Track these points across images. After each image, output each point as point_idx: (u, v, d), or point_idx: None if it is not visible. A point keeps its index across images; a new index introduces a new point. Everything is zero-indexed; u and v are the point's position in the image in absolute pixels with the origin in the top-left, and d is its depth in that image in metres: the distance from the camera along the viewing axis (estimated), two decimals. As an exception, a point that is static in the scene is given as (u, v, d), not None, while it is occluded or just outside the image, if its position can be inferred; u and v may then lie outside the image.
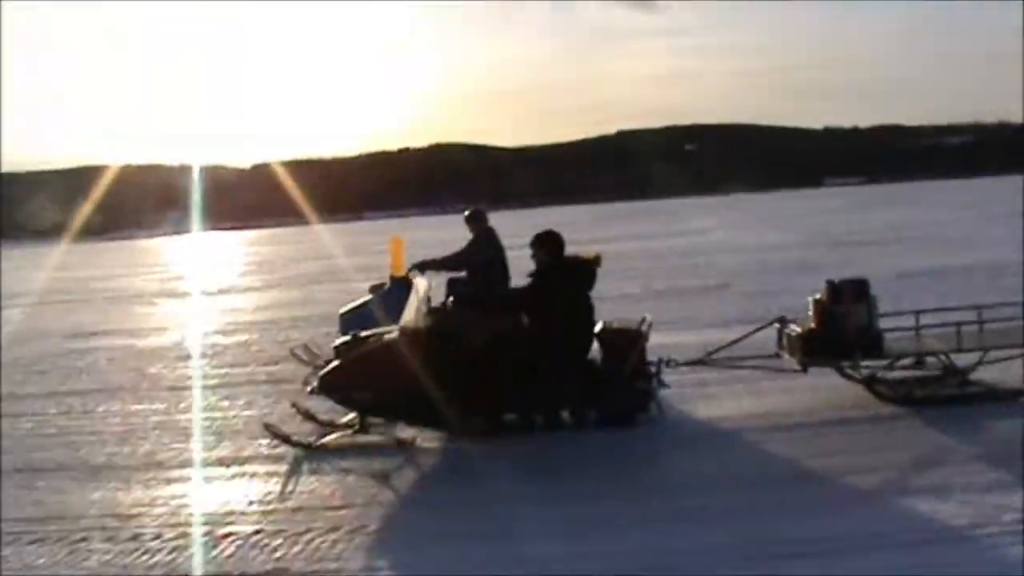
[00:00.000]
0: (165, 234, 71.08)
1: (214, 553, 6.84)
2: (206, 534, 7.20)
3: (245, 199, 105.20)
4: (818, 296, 9.49)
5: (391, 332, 9.38)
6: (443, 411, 9.03)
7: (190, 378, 13.39)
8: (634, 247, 33.56)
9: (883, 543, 6.20)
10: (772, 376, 9.92)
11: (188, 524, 7.43)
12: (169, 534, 7.23)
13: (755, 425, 9.11)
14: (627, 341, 9.32)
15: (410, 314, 9.34)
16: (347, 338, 9.73)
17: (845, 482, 7.44)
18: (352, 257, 37.11)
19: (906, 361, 9.68)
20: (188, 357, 15.38)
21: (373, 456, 8.88)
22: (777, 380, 9.97)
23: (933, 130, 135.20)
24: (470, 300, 9.50)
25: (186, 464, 9.15)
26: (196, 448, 9.67)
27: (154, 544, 7.06)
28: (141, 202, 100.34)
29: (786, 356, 9.66)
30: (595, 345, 9.39)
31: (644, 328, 9.43)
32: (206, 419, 10.90)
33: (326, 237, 53.27)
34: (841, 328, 9.27)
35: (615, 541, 6.54)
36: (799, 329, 9.49)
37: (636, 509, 7.15)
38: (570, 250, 9.57)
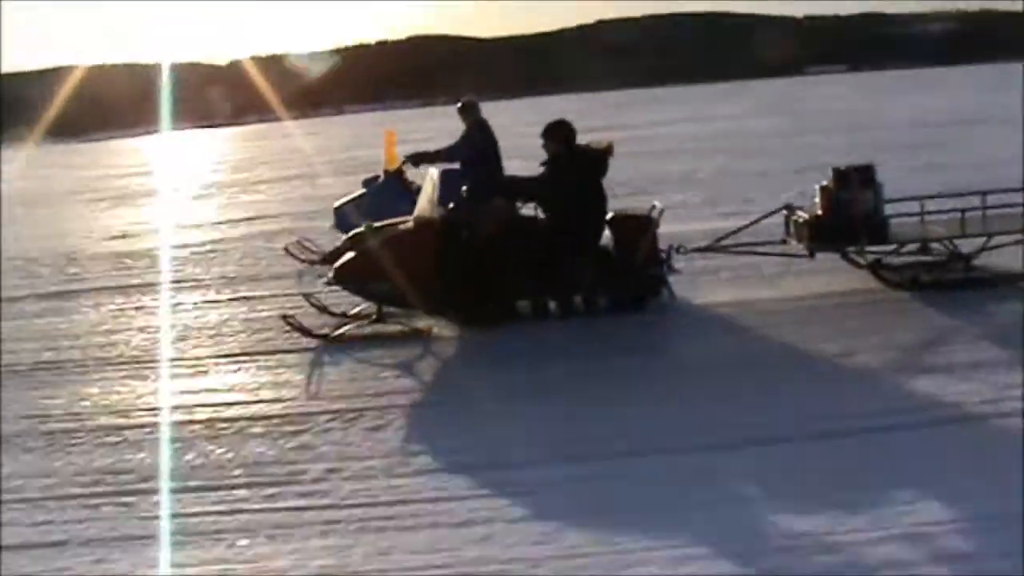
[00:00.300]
0: (144, 134, 70.06)
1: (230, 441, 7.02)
2: (227, 421, 7.40)
3: (224, 96, 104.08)
4: (825, 183, 9.61)
5: (405, 222, 9.51)
6: (458, 300, 9.25)
7: (196, 278, 13.37)
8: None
9: (891, 422, 6.39)
10: (780, 262, 10.08)
11: (213, 414, 7.59)
12: (196, 426, 7.37)
13: (763, 309, 9.32)
14: (638, 228, 9.47)
15: (424, 204, 9.46)
16: (360, 229, 9.82)
17: (853, 362, 7.68)
18: (337, 152, 36.86)
19: (911, 247, 9.84)
20: (189, 256, 15.35)
21: (392, 346, 9.03)
22: (785, 266, 10.15)
23: (915, 18, 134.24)
24: (486, 189, 9.55)
25: (204, 358, 9.24)
26: (211, 343, 9.75)
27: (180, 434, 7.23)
28: (117, 103, 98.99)
29: (793, 242, 9.82)
30: (607, 232, 9.55)
31: (655, 215, 9.57)
32: (219, 315, 10.94)
33: (309, 133, 52.73)
34: (847, 214, 9.40)
35: (619, 422, 6.75)
36: (806, 216, 9.63)
37: (650, 389, 7.42)
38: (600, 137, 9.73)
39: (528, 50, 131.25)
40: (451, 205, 9.63)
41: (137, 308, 11.66)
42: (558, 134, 9.51)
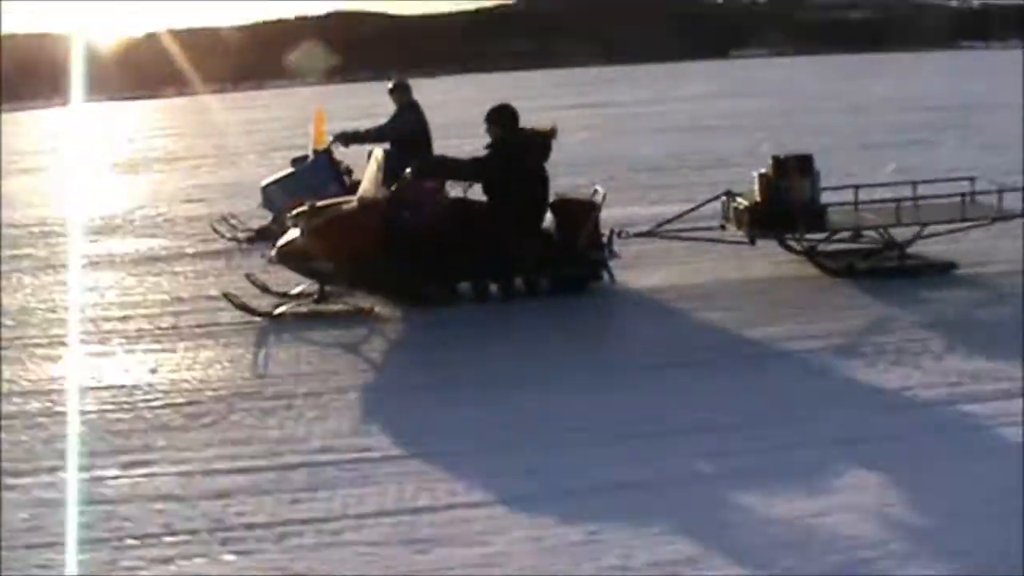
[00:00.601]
0: (58, 105, 68.73)
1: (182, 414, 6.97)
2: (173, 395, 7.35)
3: (141, 68, 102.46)
4: (763, 171, 9.77)
5: (349, 202, 9.52)
6: (401, 281, 9.30)
7: (127, 253, 13.19)
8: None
9: (832, 405, 6.54)
10: (719, 247, 10.24)
11: (161, 390, 7.51)
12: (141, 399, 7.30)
13: (702, 292, 9.49)
14: (581, 212, 9.56)
15: (368, 184, 9.48)
16: (303, 208, 9.78)
17: (792, 346, 7.82)
18: (260, 128, 36.55)
19: (845, 234, 10.04)
20: (116, 231, 15.12)
21: (336, 325, 9.04)
22: (723, 251, 10.30)
23: (834, 4, 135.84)
24: (429, 170, 9.59)
25: (139, 336, 9.10)
26: (143, 320, 9.61)
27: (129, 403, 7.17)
28: (28, 73, 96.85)
29: (732, 228, 9.97)
30: (549, 215, 9.64)
31: (598, 199, 9.66)
32: (150, 291, 10.85)
33: (231, 108, 52.21)
34: (786, 202, 9.57)
35: (546, 399, 6.88)
36: (745, 202, 9.78)
37: (584, 370, 7.50)
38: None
39: (449, 29, 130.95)
40: (393, 186, 9.63)
41: (57, 284, 11.50)
42: (502, 118, 9.58)
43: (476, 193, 9.80)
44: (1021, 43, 64.80)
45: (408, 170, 9.68)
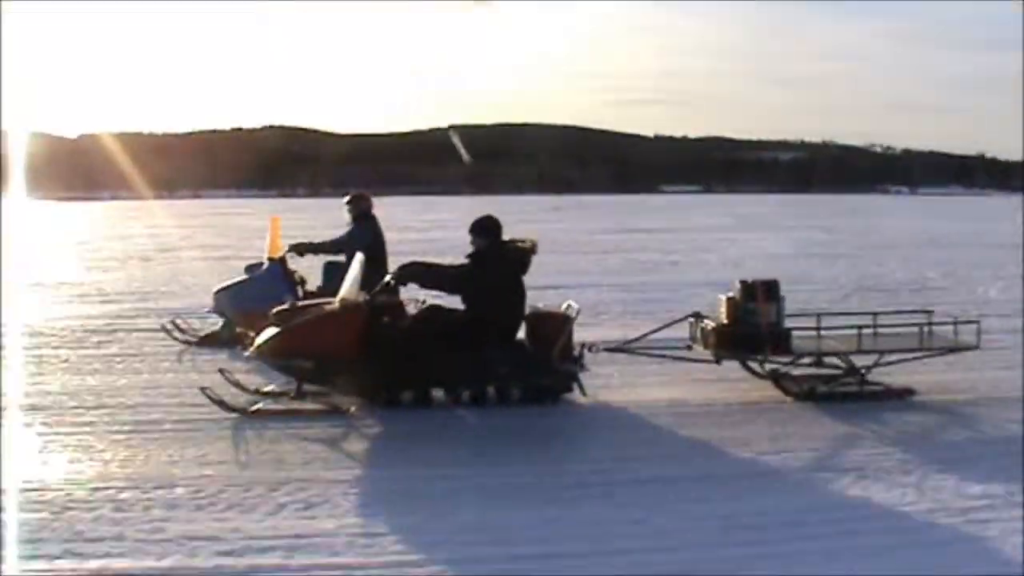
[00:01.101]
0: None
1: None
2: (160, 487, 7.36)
3: (74, 169, 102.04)
4: (731, 294, 10.13)
5: (331, 303, 9.73)
6: (378, 382, 9.50)
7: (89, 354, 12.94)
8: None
9: (805, 520, 6.76)
10: (683, 367, 10.52)
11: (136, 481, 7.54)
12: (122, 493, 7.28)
13: (669, 409, 9.73)
14: (556, 324, 9.84)
15: (349, 288, 9.71)
16: (284, 306, 9.97)
17: (759, 460, 8.13)
18: (205, 235, 36.66)
19: (806, 359, 10.40)
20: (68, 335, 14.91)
21: (312, 422, 9.17)
22: (688, 370, 10.59)
23: (762, 144, 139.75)
24: (410, 277, 9.83)
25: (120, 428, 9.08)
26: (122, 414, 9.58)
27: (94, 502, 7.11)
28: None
29: (699, 348, 10.28)
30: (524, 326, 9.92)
31: (572, 314, 9.96)
32: (124, 388, 10.77)
33: (167, 213, 52.27)
34: (753, 325, 9.92)
35: (524, 509, 6.98)
36: (712, 324, 10.12)
37: (554, 479, 7.63)
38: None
39: (384, 148, 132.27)
40: (374, 291, 9.86)
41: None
42: (485, 229, 9.89)
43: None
44: (941, 188, 67.39)
45: (388, 277, 9.94)
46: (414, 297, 10.22)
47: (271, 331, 9.65)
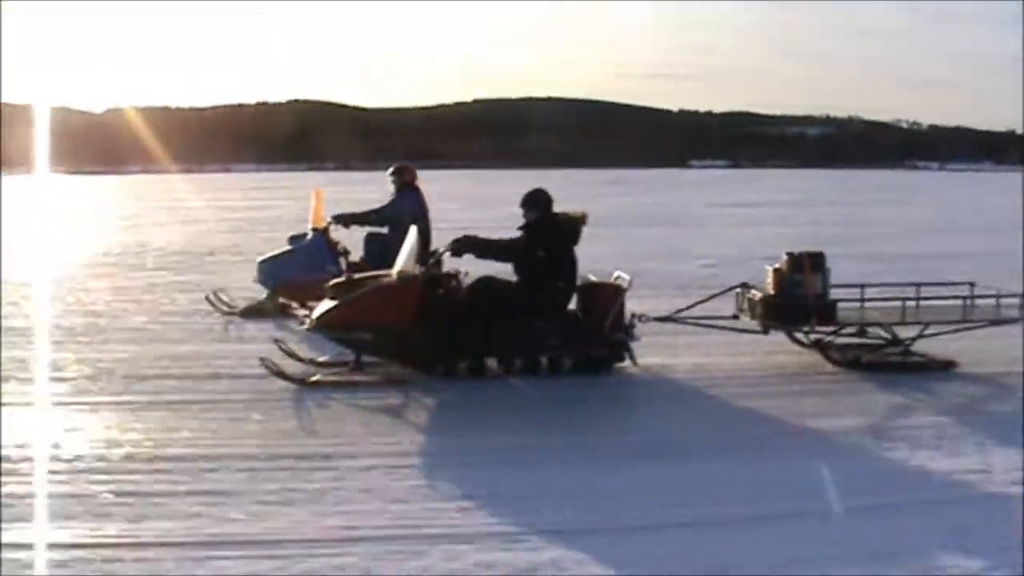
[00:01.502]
0: (14, 173, 68.19)
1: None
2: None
3: (101, 144, 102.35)
4: (778, 265, 10.33)
5: (387, 276, 9.95)
6: (433, 353, 9.73)
7: (142, 326, 13.14)
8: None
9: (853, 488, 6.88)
10: (730, 335, 10.73)
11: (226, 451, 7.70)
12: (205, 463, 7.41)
13: (723, 376, 10.02)
14: (608, 296, 10.05)
15: (405, 260, 9.92)
16: (341, 279, 10.20)
17: (808, 425, 8.39)
18: (243, 207, 36.88)
19: (850, 329, 10.59)
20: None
21: (371, 392, 9.37)
22: (734, 339, 10.79)
23: (788, 119, 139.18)
24: (466, 249, 10.03)
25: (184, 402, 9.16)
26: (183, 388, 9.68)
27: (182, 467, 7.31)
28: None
29: (746, 318, 10.49)
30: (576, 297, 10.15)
31: (624, 284, 10.16)
32: (173, 358, 10.93)
33: (199, 186, 52.54)
34: (799, 295, 10.11)
35: (568, 473, 7.18)
36: (760, 294, 10.32)
37: (609, 443, 7.90)
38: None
39: (408, 122, 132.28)
40: (430, 262, 10.09)
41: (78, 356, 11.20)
42: (537, 202, 10.11)
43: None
44: (972, 163, 67.09)
45: (443, 248, 10.16)
46: (457, 269, 10.37)
47: (329, 304, 9.87)
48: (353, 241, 13.68)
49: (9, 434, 7.94)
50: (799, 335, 10.69)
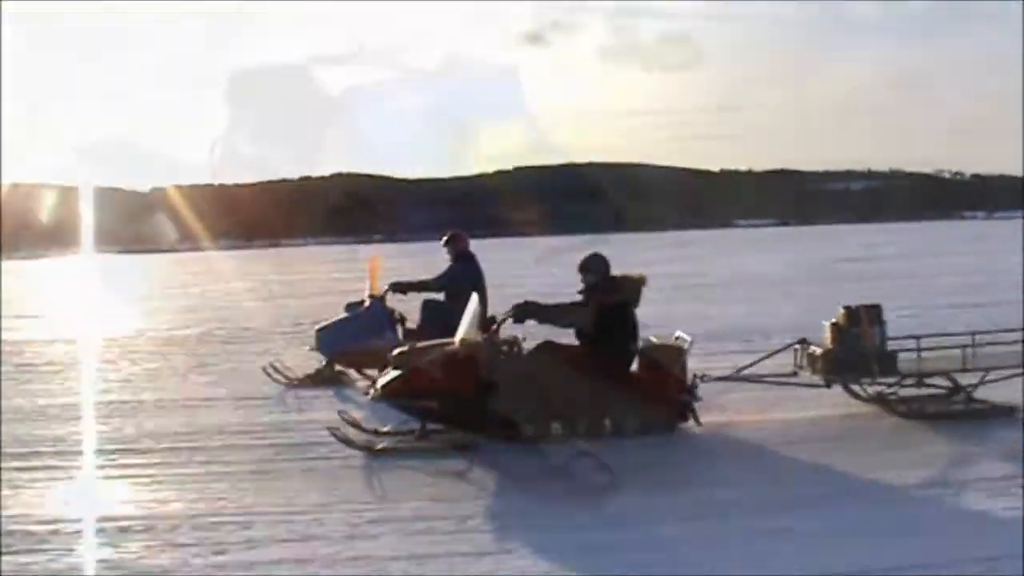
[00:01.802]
0: (63, 255, 69.19)
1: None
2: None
3: (149, 222, 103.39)
4: (835, 320, 10.42)
5: (451, 343, 10.09)
6: (498, 418, 9.83)
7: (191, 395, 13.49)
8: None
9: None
10: (790, 391, 10.78)
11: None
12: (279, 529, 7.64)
13: (790, 433, 10.04)
14: (669, 356, 10.16)
15: (467, 327, 10.07)
16: (404, 348, 10.35)
17: (878, 478, 8.45)
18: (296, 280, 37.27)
19: (909, 380, 10.64)
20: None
21: (438, 459, 9.49)
22: (794, 395, 10.84)
23: (830, 175, 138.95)
24: (528, 314, 10.16)
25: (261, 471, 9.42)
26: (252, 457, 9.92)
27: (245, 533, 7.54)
28: (30, 223, 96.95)
29: (805, 374, 10.56)
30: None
31: (685, 346, 10.26)
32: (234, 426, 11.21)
33: (250, 262, 53.14)
34: (859, 348, 10.21)
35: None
36: (819, 349, 10.40)
37: (680, 503, 8.05)
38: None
39: (450, 192, 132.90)
40: (493, 328, 10.23)
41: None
42: (594, 265, 10.29)
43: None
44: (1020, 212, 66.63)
45: (504, 314, 10.29)
46: (515, 335, 10.47)
47: (393, 373, 10.02)
48: (409, 309, 13.83)
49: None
50: (858, 388, 10.72)
